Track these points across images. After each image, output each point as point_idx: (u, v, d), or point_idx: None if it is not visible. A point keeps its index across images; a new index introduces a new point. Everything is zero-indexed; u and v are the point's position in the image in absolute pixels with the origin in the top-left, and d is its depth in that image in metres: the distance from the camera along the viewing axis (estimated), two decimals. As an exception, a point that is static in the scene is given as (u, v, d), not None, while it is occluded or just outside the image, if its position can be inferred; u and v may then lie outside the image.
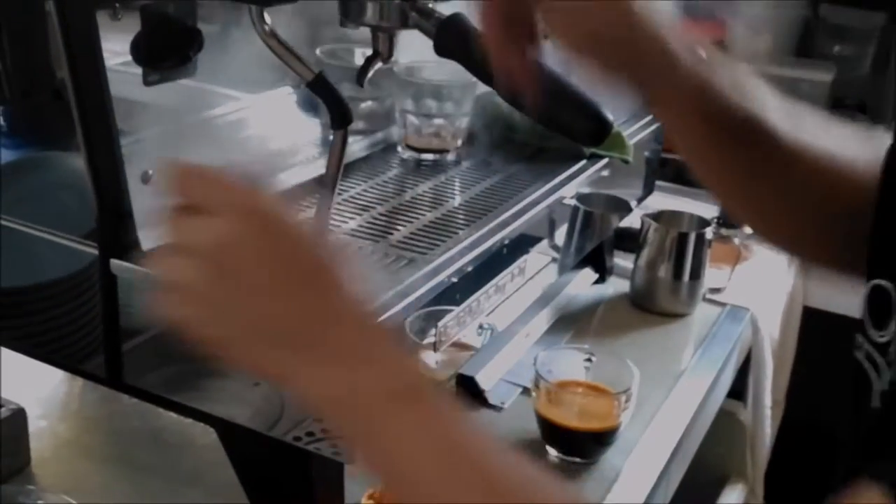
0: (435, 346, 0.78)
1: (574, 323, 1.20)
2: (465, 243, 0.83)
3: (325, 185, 0.71)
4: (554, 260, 1.07)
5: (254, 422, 0.73)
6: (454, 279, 0.79)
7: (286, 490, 0.77)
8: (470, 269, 0.81)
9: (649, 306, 1.25)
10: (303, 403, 0.52)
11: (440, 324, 0.78)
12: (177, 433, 0.91)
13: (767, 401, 1.34)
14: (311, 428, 0.72)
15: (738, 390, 1.35)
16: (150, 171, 0.77)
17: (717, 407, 1.22)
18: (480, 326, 0.99)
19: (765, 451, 1.36)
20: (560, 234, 1.10)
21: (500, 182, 1.00)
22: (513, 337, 1.11)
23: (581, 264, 1.28)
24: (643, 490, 0.92)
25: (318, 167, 0.89)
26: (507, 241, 0.88)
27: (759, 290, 1.34)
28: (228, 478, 0.79)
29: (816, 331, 1.52)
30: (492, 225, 0.88)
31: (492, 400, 1.02)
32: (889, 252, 0.59)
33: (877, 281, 0.59)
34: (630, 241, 1.29)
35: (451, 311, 0.81)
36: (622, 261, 1.33)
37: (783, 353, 1.46)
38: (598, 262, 1.30)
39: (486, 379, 1.03)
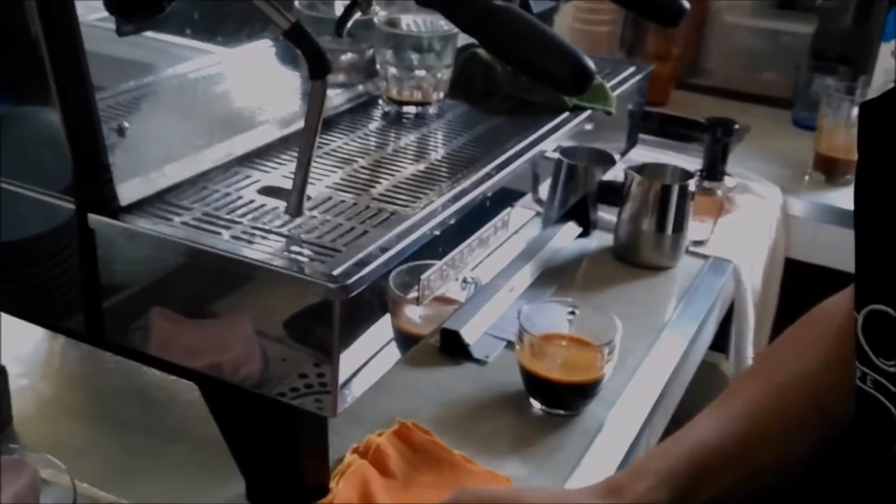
0: (418, 300, 0.78)
1: (558, 276, 1.20)
2: (448, 196, 0.82)
3: (304, 138, 0.69)
4: (538, 214, 1.07)
5: (236, 377, 0.73)
6: (437, 233, 0.78)
7: (270, 446, 0.77)
8: (452, 222, 0.80)
9: (633, 259, 1.25)
10: None
11: (423, 277, 0.77)
12: (160, 390, 0.91)
13: (749, 353, 1.35)
14: (295, 383, 0.71)
15: (720, 342, 1.36)
16: (126, 124, 0.76)
17: (700, 359, 1.23)
18: (464, 281, 0.99)
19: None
20: (544, 189, 1.10)
21: (483, 135, 0.99)
22: (497, 291, 1.11)
23: (564, 218, 1.28)
24: (625, 441, 0.93)
25: (300, 122, 0.88)
26: (489, 195, 0.88)
27: (742, 242, 1.34)
28: (213, 434, 0.78)
29: (798, 282, 1.53)
30: (474, 178, 0.87)
31: (476, 354, 1.03)
32: (882, 275, 0.58)
33: (873, 306, 0.57)
34: (614, 194, 1.29)
35: (434, 265, 0.81)
36: (606, 214, 1.32)
37: (765, 305, 1.47)
38: (581, 216, 1.30)
39: (470, 333, 1.03)
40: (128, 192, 0.74)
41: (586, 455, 0.90)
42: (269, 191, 0.80)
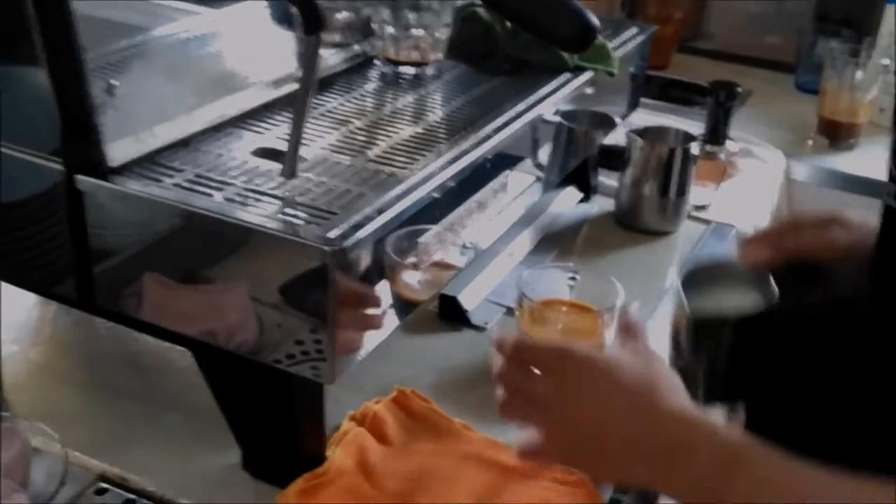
0: (416, 265, 0.76)
1: (558, 242, 1.18)
2: (445, 159, 0.80)
3: (298, 97, 0.67)
4: (538, 179, 1.05)
5: (231, 344, 0.71)
6: (435, 195, 0.76)
7: (266, 413, 0.76)
8: (451, 185, 0.78)
9: (634, 224, 1.23)
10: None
11: (421, 241, 0.75)
12: (154, 357, 0.90)
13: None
14: (291, 350, 0.70)
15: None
16: (116, 84, 0.73)
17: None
18: (463, 246, 0.97)
19: (748, 369, 1.35)
20: (544, 153, 1.08)
21: (481, 96, 0.97)
22: (496, 256, 1.09)
23: (565, 183, 1.26)
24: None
25: (294, 83, 0.86)
26: (488, 158, 0.86)
27: (745, 206, 1.32)
28: (208, 401, 0.77)
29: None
30: (472, 140, 0.85)
31: (475, 320, 1.01)
32: None
33: None
34: (615, 158, 1.27)
35: (432, 229, 0.79)
36: (607, 179, 1.30)
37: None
38: (582, 181, 1.28)
39: (469, 299, 1.02)
40: (117, 153, 0.72)
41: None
42: (263, 152, 0.78)
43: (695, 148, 1.21)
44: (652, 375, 0.68)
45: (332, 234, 0.65)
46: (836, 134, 1.55)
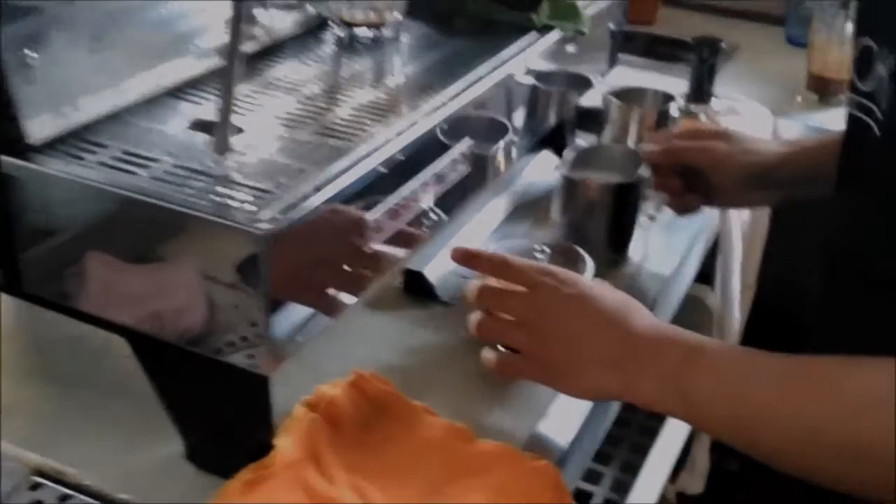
0: (365, 242, 0.71)
1: (533, 210, 1.13)
2: (399, 127, 0.75)
3: (225, 66, 0.62)
4: (511, 143, 1.00)
5: (164, 332, 0.66)
6: (382, 169, 0.71)
7: (207, 403, 0.71)
8: (403, 157, 0.73)
9: (612, 190, 1.18)
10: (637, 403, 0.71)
11: (369, 217, 0.70)
12: (96, 342, 0.85)
13: (736, 284, 1.28)
14: (230, 337, 0.65)
15: (706, 274, 1.30)
16: (34, 55, 0.68)
17: (683, 291, 1.17)
18: (428, 217, 0.92)
19: (733, 336, 1.31)
20: (517, 117, 1.03)
21: (443, 59, 0.91)
22: (465, 228, 1.04)
23: (540, 147, 1.21)
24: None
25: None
26: (451, 125, 0.81)
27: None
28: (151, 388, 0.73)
29: (788, 212, 1.46)
30: (432, 106, 0.80)
31: (442, 295, 0.96)
32: (874, 13, 0.71)
33: (865, 41, 0.70)
34: (593, 120, 1.21)
35: (392, 198, 0.74)
36: (586, 142, 1.25)
37: (754, 233, 1.40)
38: (558, 145, 1.23)
39: (434, 273, 0.97)
40: (38, 129, 0.67)
41: (556, 401, 0.85)
42: (200, 125, 0.72)
43: (673, 109, 1.15)
44: (627, 301, 0.74)
45: (264, 215, 0.61)
46: (826, 90, 1.49)
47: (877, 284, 0.69)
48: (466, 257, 0.79)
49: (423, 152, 0.79)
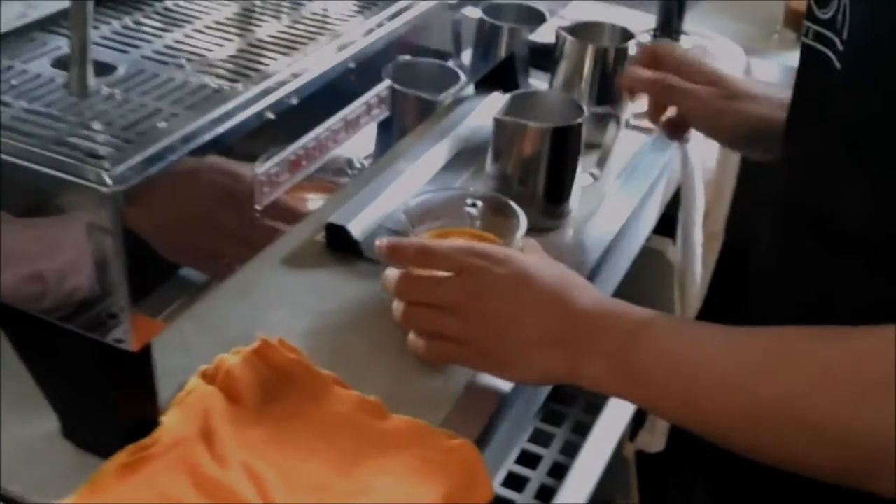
0: (255, 199, 0.63)
1: (476, 158, 1.04)
2: (299, 66, 0.66)
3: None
4: (454, 82, 0.91)
5: (20, 303, 0.58)
6: (269, 115, 0.62)
7: (82, 379, 0.64)
8: (296, 101, 0.65)
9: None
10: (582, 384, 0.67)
11: (257, 170, 0.62)
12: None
13: (698, 237, 1.20)
14: (96, 310, 0.57)
15: (669, 226, 1.22)
16: None
17: (640, 244, 1.09)
18: (352, 165, 0.84)
19: (695, 290, 1.24)
20: (466, 55, 0.94)
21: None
22: (397, 177, 0.96)
23: (490, 89, 1.12)
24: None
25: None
26: (368, 62, 0.72)
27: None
28: (23, 360, 0.65)
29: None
30: (344, 40, 0.71)
31: (367, 252, 0.88)
32: None
33: None
34: (547, 58, 1.12)
35: (291, 148, 0.66)
36: (539, 82, 1.16)
37: (721, 184, 1.32)
38: (509, 86, 1.14)
39: (359, 228, 0.89)
40: None
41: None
42: (65, 64, 0.63)
43: (632, 47, 1.06)
44: (566, 276, 0.70)
45: (116, 169, 0.52)
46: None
47: (834, 242, 0.62)
48: (389, 253, 0.73)
49: (337, 96, 0.71)
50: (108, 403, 0.64)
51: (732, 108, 0.90)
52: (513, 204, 0.79)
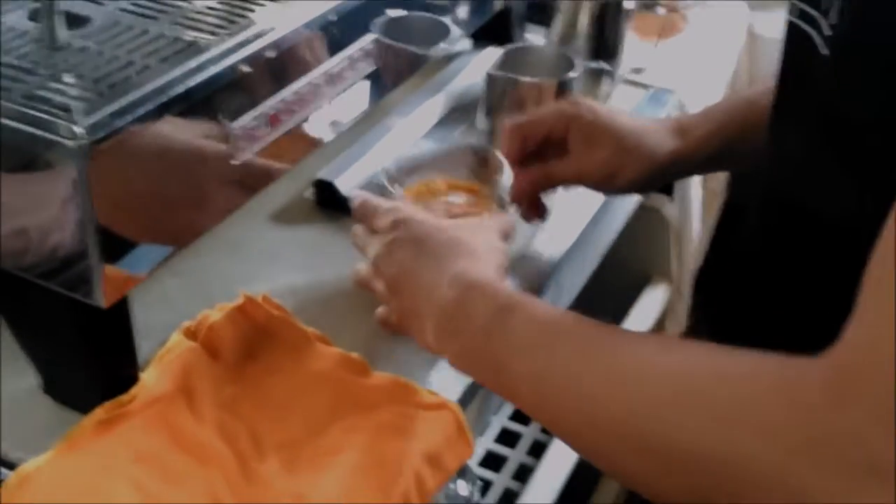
0: (231, 155, 0.62)
1: (469, 113, 1.03)
2: (279, 19, 0.65)
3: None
4: (446, 37, 0.89)
5: (15, 259, 0.58)
6: (244, 68, 0.62)
7: (59, 335, 0.63)
8: (274, 54, 0.64)
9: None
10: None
11: (233, 125, 0.61)
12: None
13: (696, 194, 1.19)
14: (72, 268, 0.56)
15: (668, 183, 1.20)
16: None
17: (635, 201, 1.08)
18: (335, 123, 0.83)
19: (692, 248, 1.23)
20: (462, 10, 0.92)
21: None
22: (387, 133, 0.94)
23: (485, 43, 1.10)
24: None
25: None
26: (351, 14, 0.71)
27: (689, 69, 1.16)
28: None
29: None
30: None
31: (355, 208, 0.87)
32: None
33: None
34: (543, 13, 1.11)
35: (269, 103, 0.65)
36: (536, 36, 1.14)
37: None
38: (504, 41, 1.12)
39: (348, 184, 0.88)
40: None
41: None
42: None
43: (629, 2, 1.04)
44: (461, 242, 0.66)
45: (86, 122, 0.51)
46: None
47: (815, 232, 0.59)
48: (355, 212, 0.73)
49: (320, 49, 0.70)
50: (86, 360, 0.64)
51: (629, 159, 0.79)
52: (498, 154, 0.78)
